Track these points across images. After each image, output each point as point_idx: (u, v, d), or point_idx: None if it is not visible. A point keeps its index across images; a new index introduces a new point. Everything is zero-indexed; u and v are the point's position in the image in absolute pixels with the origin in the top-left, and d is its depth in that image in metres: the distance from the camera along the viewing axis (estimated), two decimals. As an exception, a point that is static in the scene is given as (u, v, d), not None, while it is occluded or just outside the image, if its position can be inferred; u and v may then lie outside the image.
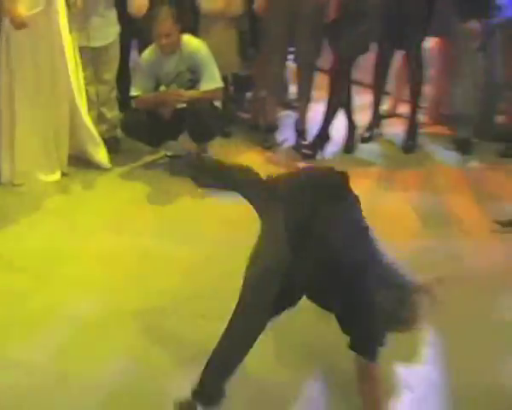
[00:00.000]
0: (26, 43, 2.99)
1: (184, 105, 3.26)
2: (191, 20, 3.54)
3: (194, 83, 3.29)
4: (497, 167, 3.46)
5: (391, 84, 4.01)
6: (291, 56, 3.73)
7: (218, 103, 3.41)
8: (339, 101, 3.59)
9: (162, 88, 3.34)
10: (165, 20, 3.17)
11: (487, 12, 3.41)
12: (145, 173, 3.37)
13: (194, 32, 3.50)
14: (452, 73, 3.64)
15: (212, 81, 3.26)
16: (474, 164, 3.53)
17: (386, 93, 4.00)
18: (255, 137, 3.76)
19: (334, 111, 3.58)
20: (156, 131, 3.32)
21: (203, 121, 3.22)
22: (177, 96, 3.26)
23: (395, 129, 3.88)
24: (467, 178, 3.40)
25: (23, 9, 2.90)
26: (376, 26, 3.44)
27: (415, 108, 3.63)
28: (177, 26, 3.21)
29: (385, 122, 3.95)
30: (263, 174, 1.80)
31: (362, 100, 3.91)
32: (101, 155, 3.32)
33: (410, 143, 3.60)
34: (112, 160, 3.39)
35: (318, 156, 3.52)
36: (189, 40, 3.30)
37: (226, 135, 3.68)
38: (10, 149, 3.15)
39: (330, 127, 3.58)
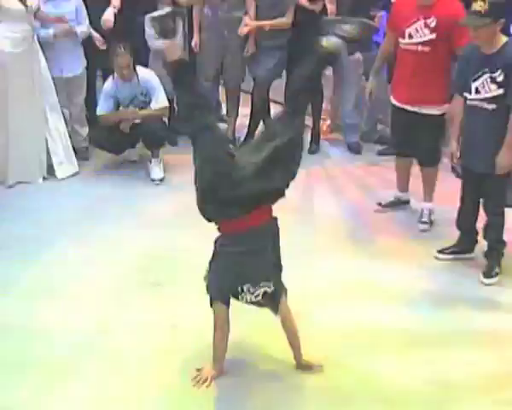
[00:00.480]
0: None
1: (139, 121, 4.26)
2: (144, 55, 4.55)
3: (146, 104, 4.26)
4: (378, 163, 4.54)
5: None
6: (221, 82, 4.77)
7: (165, 119, 4.43)
8: (260, 114, 4.63)
9: (121, 108, 4.31)
10: (124, 55, 4.13)
11: (368, 47, 4.53)
12: (110, 175, 4.34)
13: (146, 63, 4.51)
14: (343, 93, 4.73)
15: (160, 102, 4.23)
16: (360, 161, 4.60)
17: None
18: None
19: (256, 123, 4.60)
20: (117, 142, 4.28)
21: (154, 133, 4.22)
22: (133, 115, 4.23)
23: None
24: (356, 172, 4.48)
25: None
26: (285, 58, 4.51)
27: (317, 120, 4.69)
28: (132, 59, 4.19)
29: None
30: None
31: None
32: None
33: (315, 147, 4.65)
34: (82, 165, 4.36)
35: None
36: (141, 70, 4.28)
37: (173, 143, 4.65)
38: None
39: (254, 135, 4.62)
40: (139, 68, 4.24)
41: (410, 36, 3.41)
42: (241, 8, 4.45)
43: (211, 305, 2.31)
